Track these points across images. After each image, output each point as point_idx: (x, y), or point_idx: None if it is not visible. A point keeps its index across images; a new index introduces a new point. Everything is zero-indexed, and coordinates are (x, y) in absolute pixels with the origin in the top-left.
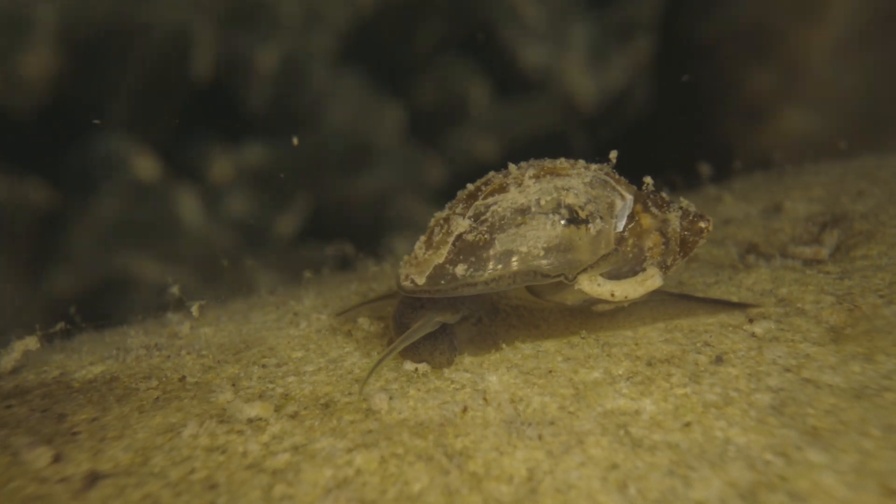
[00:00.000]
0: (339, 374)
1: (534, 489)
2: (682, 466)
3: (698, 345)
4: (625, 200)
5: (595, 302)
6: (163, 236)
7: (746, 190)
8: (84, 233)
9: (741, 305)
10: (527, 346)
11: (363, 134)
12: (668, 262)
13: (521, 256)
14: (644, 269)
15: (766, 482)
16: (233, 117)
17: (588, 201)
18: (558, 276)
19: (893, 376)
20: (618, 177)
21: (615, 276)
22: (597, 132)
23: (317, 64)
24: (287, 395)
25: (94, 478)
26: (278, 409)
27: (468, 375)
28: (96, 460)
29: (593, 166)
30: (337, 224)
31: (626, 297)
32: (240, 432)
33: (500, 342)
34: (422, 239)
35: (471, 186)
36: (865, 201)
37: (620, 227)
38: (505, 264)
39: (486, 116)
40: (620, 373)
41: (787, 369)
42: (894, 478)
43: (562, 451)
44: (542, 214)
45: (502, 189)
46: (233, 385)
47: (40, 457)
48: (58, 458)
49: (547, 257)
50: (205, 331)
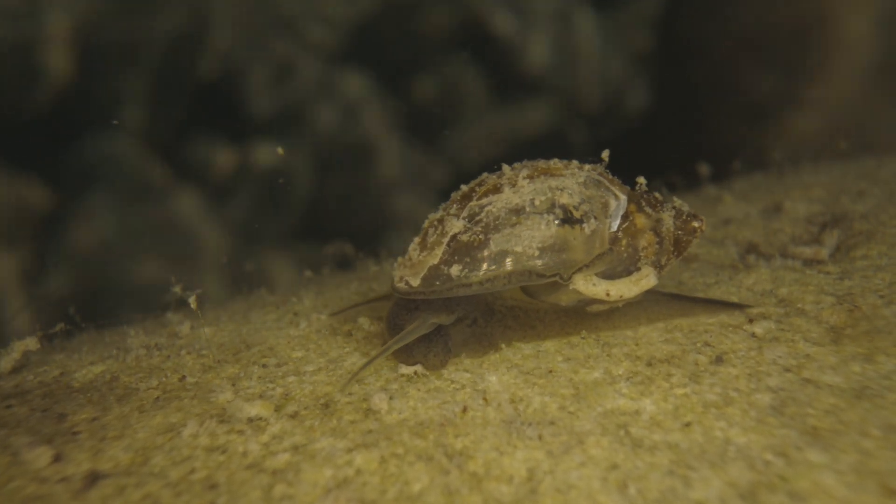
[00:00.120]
0: (339, 374)
1: (534, 489)
2: (682, 466)
3: (698, 345)
4: (619, 200)
5: (590, 302)
6: (163, 236)
7: (746, 190)
8: (84, 233)
9: (735, 305)
10: (527, 346)
11: (363, 133)
12: (663, 262)
13: (515, 256)
14: (639, 269)
15: (766, 482)
16: (233, 117)
17: (582, 201)
18: (553, 275)
19: (893, 376)
20: (611, 177)
21: (610, 275)
22: (597, 132)
23: (316, 64)
24: (287, 394)
25: (94, 478)
26: (278, 409)
27: (468, 375)
28: (96, 460)
29: (587, 166)
30: (337, 224)
31: (621, 296)
32: (240, 432)
33: (496, 343)
34: (416, 240)
35: (465, 187)
36: (865, 201)
37: (615, 227)
38: (500, 264)
39: (487, 116)
40: (620, 373)
41: (787, 369)
42: (894, 478)
43: (562, 451)
44: (536, 214)
45: (496, 189)
46: (233, 385)
47: (40, 457)
48: (58, 458)
49: (542, 257)
50: (205, 331)
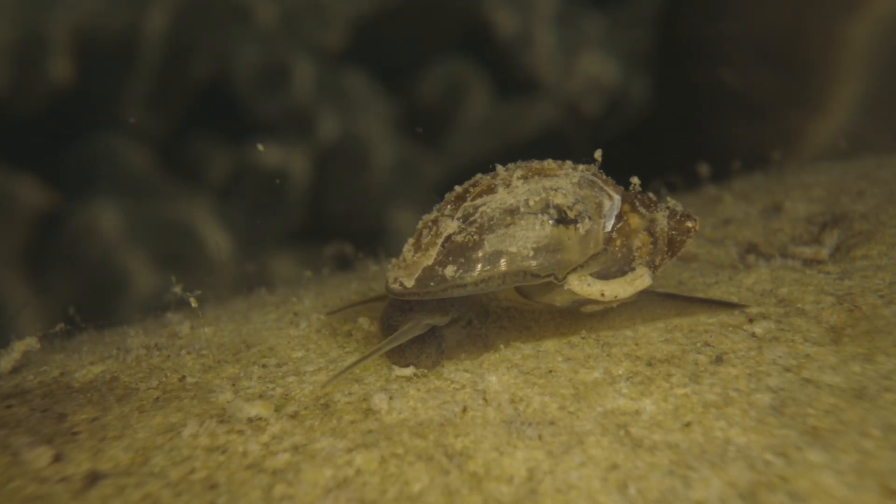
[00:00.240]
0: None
1: (534, 489)
2: (682, 466)
3: (698, 345)
4: (613, 200)
5: (584, 302)
6: (163, 236)
7: (746, 190)
8: (84, 233)
9: (730, 304)
10: (526, 347)
11: (362, 132)
12: (657, 262)
13: (510, 257)
14: (633, 269)
15: (766, 482)
16: (233, 118)
17: (576, 201)
18: (548, 276)
19: (893, 376)
20: (605, 177)
21: (604, 276)
22: (597, 132)
23: (316, 64)
24: (287, 394)
25: (94, 478)
26: (278, 409)
27: (468, 375)
28: (96, 460)
29: (581, 167)
30: (337, 224)
31: (616, 296)
32: (240, 432)
33: (491, 344)
34: (410, 241)
35: (459, 188)
36: (865, 201)
37: (609, 227)
38: (494, 265)
39: (487, 115)
40: (620, 373)
41: (787, 369)
42: (894, 478)
43: (562, 451)
44: (530, 215)
45: (490, 190)
46: (233, 385)
47: (40, 457)
48: (58, 458)
49: (536, 257)
50: (205, 331)
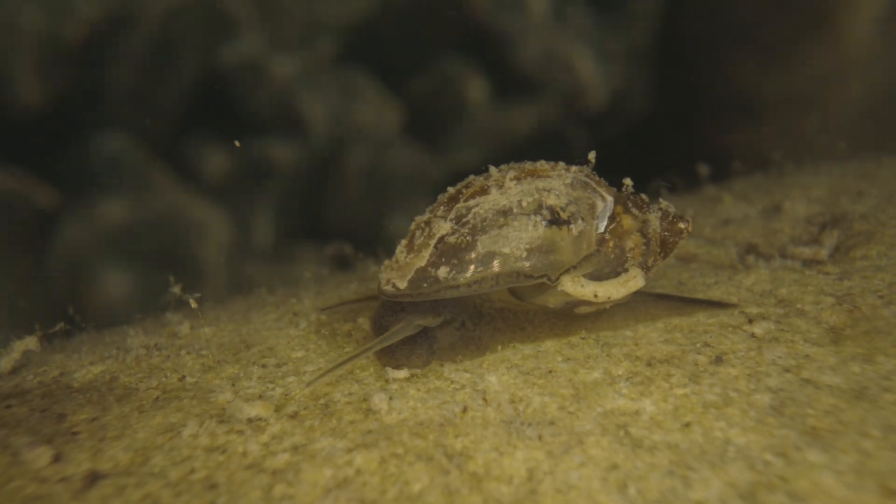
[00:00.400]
0: (338, 374)
1: (534, 489)
2: (681, 467)
3: (698, 345)
4: (605, 202)
5: (577, 304)
6: (163, 236)
7: (746, 190)
8: (84, 233)
9: (723, 304)
10: (526, 347)
11: (362, 132)
12: (650, 263)
13: (503, 258)
14: (626, 270)
15: (766, 482)
16: (232, 117)
17: (569, 202)
18: (541, 277)
19: (893, 377)
20: (598, 178)
21: (597, 277)
22: (596, 132)
23: (316, 64)
24: (287, 395)
25: (94, 478)
26: (278, 409)
27: (468, 375)
28: (96, 460)
29: (573, 168)
30: (337, 224)
31: (609, 297)
32: (240, 432)
33: (485, 345)
34: (403, 243)
35: (451, 189)
36: (865, 202)
37: (602, 228)
38: (487, 266)
39: (486, 115)
40: (620, 373)
41: (786, 370)
42: (894, 478)
43: (562, 451)
44: (523, 216)
45: (483, 191)
46: (232, 385)
47: (40, 457)
48: (58, 458)
49: (529, 258)
50: (204, 331)
